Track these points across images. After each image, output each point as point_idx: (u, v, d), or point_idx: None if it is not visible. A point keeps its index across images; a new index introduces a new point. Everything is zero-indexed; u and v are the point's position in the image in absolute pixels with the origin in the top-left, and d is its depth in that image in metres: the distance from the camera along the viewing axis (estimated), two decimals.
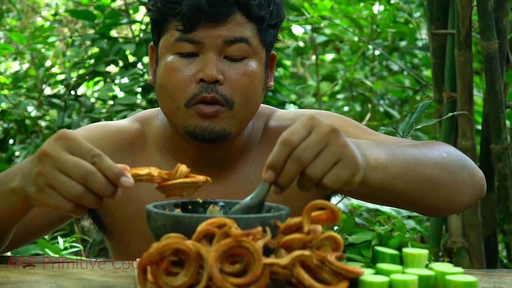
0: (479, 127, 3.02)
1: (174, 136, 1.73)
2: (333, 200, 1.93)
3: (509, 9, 2.77)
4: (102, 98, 4.65)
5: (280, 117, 1.80)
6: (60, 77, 4.83)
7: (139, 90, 4.33)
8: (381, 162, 1.37)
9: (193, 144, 1.69)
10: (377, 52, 5.31)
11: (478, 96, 4.23)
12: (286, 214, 1.27)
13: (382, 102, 5.42)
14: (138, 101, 4.34)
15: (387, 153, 1.40)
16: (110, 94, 4.56)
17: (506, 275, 1.48)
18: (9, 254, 2.13)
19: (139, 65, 4.41)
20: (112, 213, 1.75)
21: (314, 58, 6.18)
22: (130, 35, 4.90)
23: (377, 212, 3.35)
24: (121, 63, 4.43)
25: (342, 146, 1.26)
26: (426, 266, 1.26)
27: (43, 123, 4.70)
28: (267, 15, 1.66)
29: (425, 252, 1.26)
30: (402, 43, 5.14)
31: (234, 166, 1.75)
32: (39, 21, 6.46)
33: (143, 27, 4.56)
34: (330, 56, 6.46)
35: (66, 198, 1.25)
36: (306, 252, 1.14)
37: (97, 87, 5.08)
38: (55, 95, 4.76)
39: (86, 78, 4.52)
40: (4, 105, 4.64)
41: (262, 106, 1.79)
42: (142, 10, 5.04)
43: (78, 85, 4.60)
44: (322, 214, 1.22)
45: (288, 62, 5.74)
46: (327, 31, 5.28)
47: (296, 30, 4.98)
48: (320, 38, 5.22)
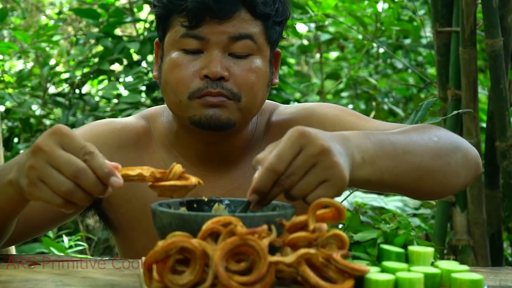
0: (484, 125, 3.02)
1: (179, 132, 1.74)
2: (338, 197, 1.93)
3: None
4: (106, 97, 4.65)
5: (282, 111, 1.82)
6: (64, 75, 4.84)
7: (144, 88, 4.33)
8: (368, 158, 1.36)
9: (198, 138, 1.70)
10: (381, 50, 5.31)
11: (482, 93, 4.23)
12: (291, 212, 1.27)
13: (386, 100, 5.42)
14: (143, 99, 4.34)
15: (376, 146, 1.39)
16: (115, 92, 4.56)
17: None
18: (14, 253, 2.14)
19: (144, 63, 4.41)
20: (117, 209, 1.76)
21: (318, 56, 6.17)
22: (134, 34, 4.89)
23: (382, 210, 3.35)
24: (125, 62, 4.43)
25: (331, 167, 1.26)
26: (432, 264, 1.26)
27: (48, 122, 4.71)
28: (273, 12, 1.66)
29: (430, 250, 1.26)
30: (407, 41, 5.14)
31: (238, 161, 1.76)
32: (44, 19, 6.46)
33: (147, 26, 4.56)
34: (334, 54, 6.45)
35: (56, 193, 1.26)
36: (312, 250, 1.14)
37: (101, 86, 5.08)
38: (60, 94, 4.77)
39: (91, 76, 4.52)
40: (8, 103, 4.65)
41: (265, 102, 1.80)
42: (146, 8, 5.04)
43: (82, 83, 4.60)
44: (327, 212, 1.22)
45: (292, 60, 5.74)
46: (331, 29, 5.28)
47: (300, 28, 4.99)
48: (324, 36, 5.22)
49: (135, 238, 1.77)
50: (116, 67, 4.76)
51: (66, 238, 3.02)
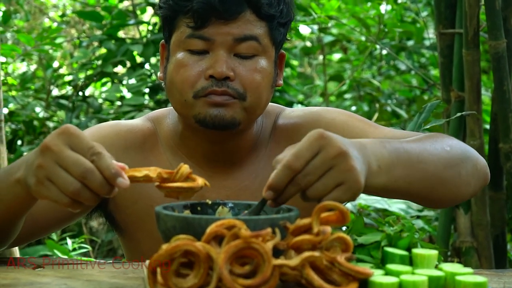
0: (487, 127, 3.02)
1: (184, 133, 1.75)
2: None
3: None
4: (109, 99, 4.66)
5: (288, 115, 1.82)
6: (67, 78, 4.84)
7: (147, 90, 4.34)
8: (384, 167, 1.37)
9: (203, 138, 1.70)
10: (384, 51, 5.30)
11: (486, 95, 4.22)
12: (295, 215, 1.28)
13: (389, 101, 5.42)
14: (146, 101, 4.35)
15: (392, 154, 1.40)
16: (118, 95, 4.56)
17: None
18: (18, 256, 2.14)
19: (147, 65, 4.41)
20: (123, 210, 1.76)
21: (321, 58, 6.17)
22: (138, 36, 4.90)
23: (385, 212, 3.35)
24: (128, 64, 4.43)
25: (347, 171, 1.26)
26: (436, 267, 1.26)
27: (51, 124, 4.71)
28: (277, 14, 1.67)
29: (434, 252, 1.26)
30: (410, 43, 5.13)
31: (244, 163, 1.76)
32: (47, 22, 6.47)
33: (151, 28, 4.56)
34: (337, 56, 6.45)
35: (63, 193, 1.27)
36: (316, 253, 1.14)
37: (104, 88, 5.09)
38: (63, 96, 4.77)
39: (94, 79, 4.53)
40: (12, 106, 4.65)
41: (271, 104, 1.81)
42: (150, 11, 5.05)
43: (85, 86, 4.61)
44: (331, 215, 1.22)
45: (295, 62, 5.73)
46: (334, 31, 5.28)
47: (303, 30, 4.99)
48: (327, 38, 5.22)
49: (141, 239, 1.77)
50: (119, 70, 4.77)
51: (69, 241, 3.03)
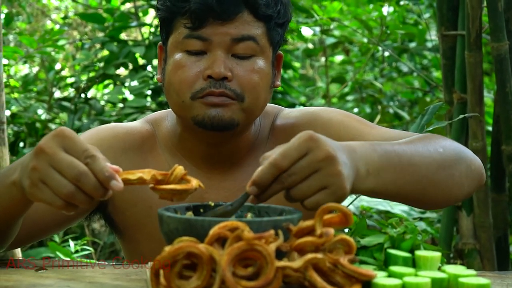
0: (490, 129, 3.01)
1: (183, 134, 1.75)
2: (344, 201, 1.94)
3: None
4: (112, 101, 4.66)
5: (286, 115, 1.82)
6: (70, 80, 4.85)
7: (149, 92, 4.33)
8: (372, 170, 1.38)
9: (201, 139, 1.70)
10: (386, 53, 5.30)
11: (488, 97, 4.22)
12: (298, 217, 1.27)
13: (391, 103, 5.42)
14: (148, 103, 4.35)
15: (382, 157, 1.40)
16: (120, 97, 4.56)
17: None
18: (21, 258, 2.14)
19: (149, 67, 4.42)
20: (122, 212, 1.77)
21: (323, 59, 6.18)
22: (140, 38, 4.90)
23: (387, 214, 3.35)
24: (130, 66, 4.44)
25: (333, 175, 1.27)
26: (439, 269, 1.26)
27: (53, 126, 4.71)
28: (275, 14, 1.67)
29: (437, 254, 1.26)
30: (412, 45, 5.13)
31: (242, 164, 1.77)
32: (49, 24, 6.47)
33: (153, 30, 4.56)
34: (339, 57, 6.46)
35: (57, 195, 1.27)
36: (319, 255, 1.14)
37: (107, 90, 5.10)
38: (65, 98, 4.78)
39: (96, 81, 4.53)
40: (14, 108, 4.66)
41: (269, 105, 1.81)
42: (152, 13, 5.05)
43: (88, 88, 4.61)
44: (334, 217, 1.22)
45: (297, 64, 5.74)
46: (337, 33, 5.28)
47: (305, 32, 4.99)
48: (329, 40, 5.22)
49: (141, 240, 1.77)
50: (121, 72, 4.77)
51: (72, 243, 3.02)
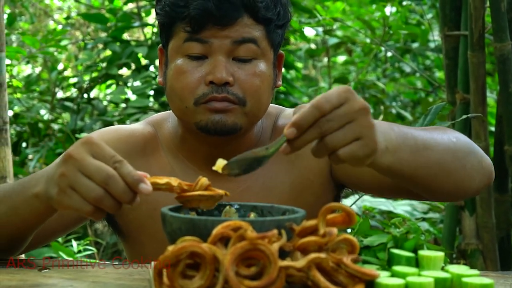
0: (493, 129, 3.01)
1: (185, 136, 1.75)
2: (347, 201, 1.94)
3: None
4: (114, 101, 4.67)
5: (288, 115, 1.82)
6: (72, 80, 4.86)
7: (152, 93, 4.34)
8: (390, 147, 1.39)
9: (203, 142, 1.70)
10: (389, 53, 5.30)
11: (491, 97, 4.22)
12: (301, 216, 1.27)
13: (394, 104, 5.42)
14: (151, 104, 4.35)
15: (399, 137, 1.42)
16: (123, 97, 4.57)
17: None
18: (24, 257, 2.14)
19: (152, 68, 4.42)
20: (126, 214, 1.76)
21: (326, 60, 6.17)
22: (142, 38, 4.91)
23: (390, 214, 3.35)
24: (133, 66, 4.44)
25: (367, 127, 1.28)
26: (442, 269, 1.26)
27: (56, 126, 4.72)
28: (274, 16, 1.67)
29: (441, 254, 1.26)
30: (414, 45, 5.13)
31: None
32: (52, 24, 6.48)
33: (155, 30, 4.57)
34: (342, 58, 6.46)
35: (86, 200, 1.27)
36: (322, 254, 1.14)
37: (109, 90, 5.10)
38: (68, 98, 4.78)
39: (99, 81, 4.54)
40: (17, 108, 4.66)
41: (271, 106, 1.81)
42: (154, 13, 5.05)
43: (90, 88, 4.61)
44: (337, 216, 1.22)
45: (300, 64, 5.74)
46: (339, 33, 5.28)
47: (308, 32, 4.99)
48: (332, 40, 5.22)
49: (144, 243, 1.77)
50: (124, 72, 4.78)
51: (75, 243, 3.03)
